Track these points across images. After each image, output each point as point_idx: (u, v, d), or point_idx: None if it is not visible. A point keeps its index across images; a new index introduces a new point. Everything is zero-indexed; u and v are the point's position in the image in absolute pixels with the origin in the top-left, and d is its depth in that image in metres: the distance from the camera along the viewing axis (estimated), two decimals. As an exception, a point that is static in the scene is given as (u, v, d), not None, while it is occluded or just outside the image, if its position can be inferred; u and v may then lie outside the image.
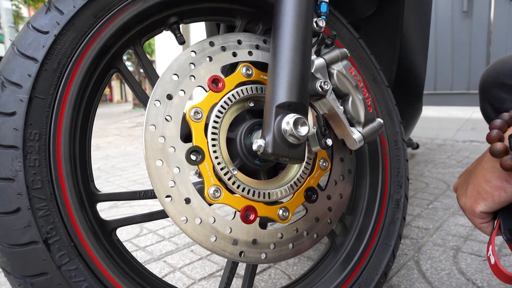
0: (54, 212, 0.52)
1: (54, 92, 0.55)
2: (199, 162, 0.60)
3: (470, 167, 0.64)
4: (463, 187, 0.64)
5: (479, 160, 0.61)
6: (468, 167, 0.64)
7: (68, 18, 0.57)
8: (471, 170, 0.63)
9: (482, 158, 0.60)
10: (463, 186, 0.64)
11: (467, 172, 0.65)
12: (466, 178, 0.64)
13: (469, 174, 0.63)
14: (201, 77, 0.63)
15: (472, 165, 0.64)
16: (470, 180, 0.61)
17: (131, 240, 1.42)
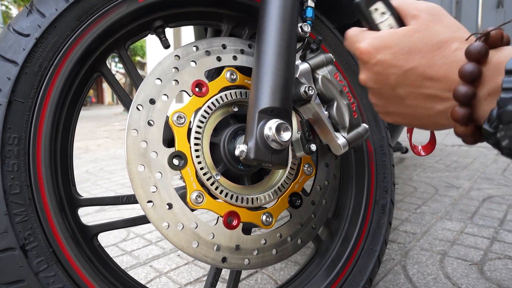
0: (33, 218, 0.52)
1: (34, 96, 0.54)
2: (181, 167, 0.59)
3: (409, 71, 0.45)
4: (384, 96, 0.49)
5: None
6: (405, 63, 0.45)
7: (50, 21, 0.56)
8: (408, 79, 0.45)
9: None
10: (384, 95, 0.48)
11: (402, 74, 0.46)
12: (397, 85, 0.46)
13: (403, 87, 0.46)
14: (184, 81, 0.63)
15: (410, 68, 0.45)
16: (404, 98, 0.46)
17: (118, 244, 1.41)
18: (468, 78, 0.38)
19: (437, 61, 0.42)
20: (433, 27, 0.44)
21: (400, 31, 0.46)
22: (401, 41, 0.45)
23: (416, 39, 0.44)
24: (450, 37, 0.43)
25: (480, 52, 0.38)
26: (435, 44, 0.43)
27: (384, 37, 0.46)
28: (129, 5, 0.63)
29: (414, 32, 0.45)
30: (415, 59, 0.44)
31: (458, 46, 0.42)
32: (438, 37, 0.43)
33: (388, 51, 0.45)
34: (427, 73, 0.43)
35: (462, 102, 0.39)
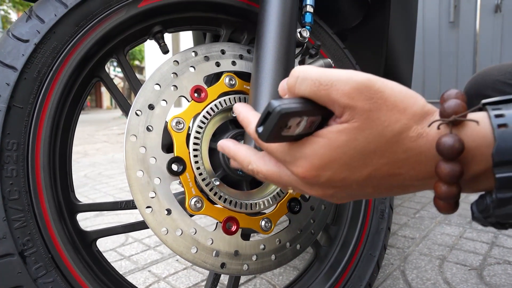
0: (31, 223, 0.51)
1: (33, 101, 0.54)
2: (180, 173, 0.59)
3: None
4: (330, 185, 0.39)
5: None
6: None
7: (49, 26, 0.56)
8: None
9: None
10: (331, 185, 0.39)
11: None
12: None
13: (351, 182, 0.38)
14: (183, 87, 0.63)
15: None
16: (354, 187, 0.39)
17: (116, 249, 1.40)
18: (451, 180, 0.33)
19: (399, 156, 0.35)
20: (377, 118, 0.35)
21: (341, 138, 0.36)
22: (345, 150, 0.36)
23: (363, 141, 0.36)
24: (403, 123, 0.35)
25: (454, 150, 0.32)
26: (389, 139, 0.35)
27: (326, 152, 0.37)
28: (128, 10, 0.63)
29: (356, 132, 0.35)
30: (373, 162, 0.36)
31: (417, 131, 0.35)
32: (388, 130, 0.35)
33: (336, 164, 0.37)
34: (392, 171, 0.36)
35: (449, 200, 0.35)
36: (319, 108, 0.37)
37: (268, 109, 0.36)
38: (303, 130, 0.38)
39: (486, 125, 0.34)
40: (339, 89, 0.35)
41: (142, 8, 0.64)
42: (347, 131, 0.36)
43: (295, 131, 0.37)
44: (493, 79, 0.86)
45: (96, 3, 0.60)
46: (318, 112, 0.37)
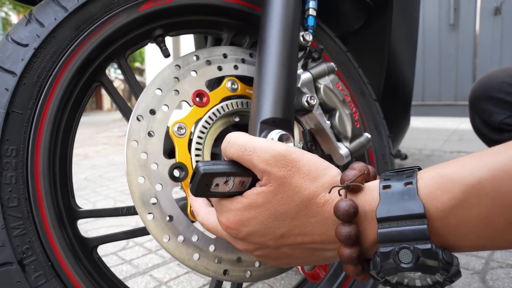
0: (31, 231, 0.51)
1: (33, 107, 0.54)
2: (182, 179, 0.58)
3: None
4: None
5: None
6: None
7: (49, 30, 0.55)
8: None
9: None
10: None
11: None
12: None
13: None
14: (185, 91, 0.62)
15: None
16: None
17: (117, 253, 1.39)
18: (347, 241, 0.37)
19: (309, 220, 0.40)
20: (289, 184, 0.40)
21: (258, 199, 0.41)
22: (263, 210, 0.41)
23: (276, 204, 0.40)
24: (312, 190, 0.39)
25: (348, 213, 0.36)
26: (299, 204, 0.39)
27: (245, 210, 0.42)
28: (129, 14, 0.62)
29: (273, 196, 0.40)
30: (285, 224, 0.40)
31: (324, 199, 0.39)
32: (299, 195, 0.39)
33: (253, 222, 0.41)
34: (304, 232, 0.40)
35: (351, 263, 0.38)
36: (247, 171, 0.43)
37: (194, 170, 0.42)
38: (235, 188, 0.43)
39: (377, 192, 0.38)
40: (259, 156, 0.41)
41: (143, 11, 0.64)
42: (263, 194, 0.40)
43: (226, 189, 0.42)
44: (499, 81, 0.86)
45: (96, 7, 0.59)
46: (246, 174, 0.43)
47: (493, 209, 0.32)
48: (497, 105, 0.87)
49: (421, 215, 0.34)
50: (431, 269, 0.33)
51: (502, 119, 0.85)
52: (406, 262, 0.34)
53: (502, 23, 3.99)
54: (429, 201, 0.34)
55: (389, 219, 0.35)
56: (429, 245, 0.33)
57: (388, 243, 0.35)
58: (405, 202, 0.35)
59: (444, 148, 3.28)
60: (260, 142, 0.42)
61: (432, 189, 0.35)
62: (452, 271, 0.33)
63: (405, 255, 0.34)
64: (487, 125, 0.91)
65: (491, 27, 4.05)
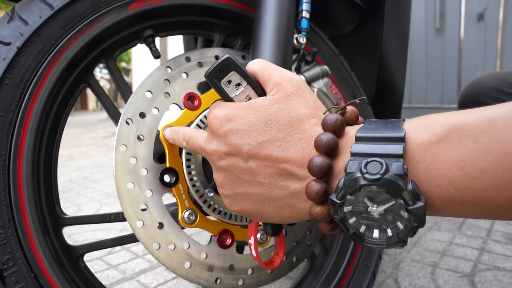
0: (12, 240, 0.48)
1: (15, 109, 0.51)
2: (173, 185, 0.56)
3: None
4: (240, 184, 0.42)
5: None
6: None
7: (34, 29, 0.53)
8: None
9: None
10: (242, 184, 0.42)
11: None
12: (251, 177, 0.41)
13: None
14: (176, 94, 0.60)
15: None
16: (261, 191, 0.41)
17: (102, 258, 1.36)
18: (324, 148, 0.35)
19: (294, 135, 0.39)
20: (293, 100, 0.41)
21: (258, 102, 0.42)
22: (258, 112, 0.41)
23: (274, 111, 0.41)
24: (309, 113, 0.40)
25: (336, 122, 0.36)
26: (294, 117, 0.40)
27: (239, 107, 0.42)
28: (118, 13, 0.60)
29: (273, 103, 0.41)
30: (271, 131, 0.40)
31: (317, 122, 0.40)
32: (297, 111, 0.40)
33: (241, 120, 0.41)
34: (283, 146, 0.39)
35: (317, 175, 0.35)
36: (259, 87, 0.44)
37: (222, 55, 0.44)
38: (239, 98, 0.44)
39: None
40: (279, 72, 0.44)
41: (133, 11, 0.62)
42: (266, 100, 0.42)
43: (233, 92, 0.44)
44: (487, 87, 0.86)
45: (84, 5, 0.57)
46: (256, 88, 0.44)
47: (471, 153, 0.30)
48: None
49: (400, 138, 0.33)
50: (397, 191, 0.30)
51: None
52: (372, 173, 0.31)
53: (485, 28, 4.07)
54: (410, 133, 0.33)
55: (367, 139, 0.34)
56: (400, 163, 0.31)
57: (360, 157, 0.33)
58: (387, 129, 0.34)
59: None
60: (283, 68, 0.45)
61: (416, 126, 0.34)
62: (417, 205, 0.30)
63: (374, 166, 0.31)
64: None
65: (475, 33, 4.13)
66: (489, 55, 4.06)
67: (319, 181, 0.36)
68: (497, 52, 4.03)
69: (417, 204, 0.30)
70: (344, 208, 0.33)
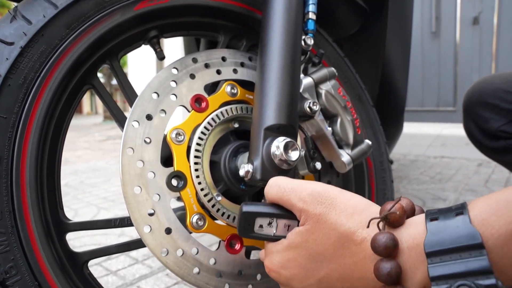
0: (16, 248, 0.46)
1: (19, 111, 0.49)
2: (181, 188, 0.55)
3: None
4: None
5: None
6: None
7: (37, 28, 0.51)
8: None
9: None
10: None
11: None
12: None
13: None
14: (183, 96, 0.59)
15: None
16: None
17: (101, 263, 1.33)
18: (388, 280, 0.33)
19: (347, 261, 0.37)
20: (326, 221, 0.38)
21: (296, 239, 0.41)
22: (300, 250, 0.40)
23: (313, 243, 0.39)
24: (349, 227, 0.37)
25: (387, 247, 0.32)
26: (334, 242, 0.37)
27: (284, 251, 0.42)
28: (124, 13, 0.59)
29: (309, 235, 0.39)
30: (323, 266, 0.39)
31: (362, 236, 0.36)
32: (335, 232, 0.37)
33: (292, 264, 0.41)
34: (342, 277, 0.38)
35: None
36: (290, 213, 0.44)
37: (239, 210, 0.45)
38: (280, 232, 0.44)
39: (423, 225, 0.34)
40: (297, 195, 0.41)
41: (138, 11, 0.60)
42: (301, 233, 0.40)
43: (271, 232, 0.44)
44: (494, 87, 0.85)
45: (89, 4, 0.55)
46: (288, 216, 0.44)
47: None
48: (493, 111, 0.86)
49: (478, 246, 0.29)
50: None
51: (499, 126, 0.84)
52: None
53: (480, 32, 4.10)
54: (483, 228, 0.30)
55: (440, 253, 0.30)
56: (493, 280, 0.28)
57: (442, 280, 0.30)
58: (457, 232, 0.30)
59: (427, 153, 3.32)
60: (298, 182, 0.43)
61: (486, 216, 0.30)
62: None
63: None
64: (483, 132, 0.91)
65: (470, 36, 4.16)
66: (484, 58, 4.09)
67: (391, 286, 0.33)
68: (492, 55, 4.06)
69: None
70: None
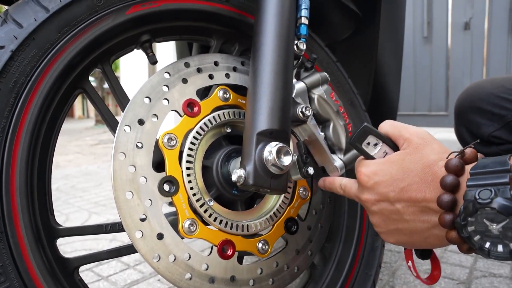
0: (5, 254, 0.46)
1: (9, 115, 0.49)
2: (173, 194, 0.54)
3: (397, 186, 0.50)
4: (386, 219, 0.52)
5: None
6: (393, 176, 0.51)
7: (28, 32, 0.51)
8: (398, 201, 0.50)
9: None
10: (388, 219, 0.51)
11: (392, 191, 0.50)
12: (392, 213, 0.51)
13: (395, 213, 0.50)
14: (175, 100, 0.58)
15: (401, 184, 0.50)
16: (400, 225, 0.50)
17: (93, 269, 1.32)
18: (448, 187, 0.44)
19: (427, 178, 0.47)
20: (422, 150, 0.50)
21: (395, 156, 0.51)
22: (396, 164, 0.50)
23: (408, 161, 0.50)
24: (437, 158, 0.48)
25: (457, 166, 0.44)
26: (425, 163, 0.48)
27: (381, 163, 0.52)
28: (116, 17, 0.59)
29: (406, 155, 0.50)
30: (409, 178, 0.49)
31: (443, 163, 0.47)
32: (427, 158, 0.49)
33: (384, 172, 0.51)
34: (420, 189, 0.47)
35: (446, 208, 0.43)
36: (392, 143, 0.55)
37: (360, 125, 0.55)
38: (378, 155, 0.55)
39: None
40: (407, 129, 0.53)
41: (131, 15, 0.60)
42: (400, 154, 0.51)
43: (372, 151, 0.55)
44: (487, 92, 0.86)
45: (81, 8, 0.55)
46: (390, 144, 0.55)
47: None
48: (485, 117, 0.86)
49: (506, 170, 0.39)
50: (507, 209, 0.37)
51: (491, 132, 0.85)
52: (483, 198, 0.38)
53: (471, 37, 4.15)
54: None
55: (478, 173, 0.42)
56: (507, 188, 0.37)
57: (474, 188, 0.40)
58: (496, 165, 0.41)
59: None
60: (408, 125, 0.54)
61: None
62: None
63: (485, 193, 0.39)
64: (475, 137, 0.91)
65: (461, 41, 4.20)
66: (475, 63, 4.13)
67: (448, 212, 0.43)
68: (483, 60, 4.11)
69: None
70: (468, 228, 0.40)
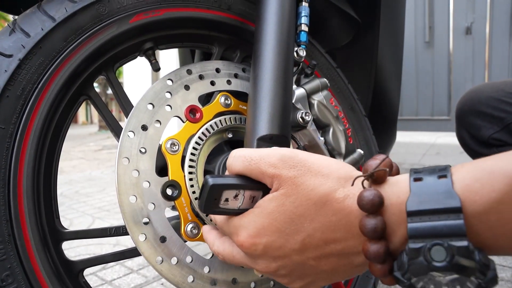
0: (12, 256, 0.47)
1: (16, 122, 0.50)
2: (175, 198, 0.56)
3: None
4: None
5: None
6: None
7: (35, 41, 0.53)
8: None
9: None
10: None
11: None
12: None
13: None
14: (178, 106, 0.60)
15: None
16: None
17: (97, 273, 1.33)
18: (374, 235, 0.33)
19: (330, 219, 0.36)
20: (301, 183, 0.37)
21: (269, 205, 0.38)
22: (275, 216, 0.38)
23: (290, 206, 0.37)
24: (328, 187, 0.37)
25: (373, 202, 0.33)
26: (316, 202, 0.36)
27: (258, 217, 0.39)
28: (119, 26, 0.60)
29: (284, 198, 0.38)
30: (304, 227, 0.37)
31: (344, 193, 0.36)
32: (313, 193, 0.37)
33: (269, 230, 0.38)
34: (326, 236, 0.37)
35: (378, 262, 0.34)
36: (257, 184, 0.41)
37: (203, 183, 0.41)
38: (245, 205, 0.41)
39: (407, 184, 0.34)
40: (266, 162, 0.39)
41: (134, 24, 0.62)
42: (275, 198, 0.38)
43: (236, 204, 0.41)
44: (487, 96, 0.87)
45: (86, 17, 0.57)
46: (256, 186, 0.41)
47: None
48: (485, 120, 0.88)
49: (456, 209, 0.30)
50: (466, 270, 0.29)
51: (491, 134, 0.86)
52: (438, 260, 0.30)
53: (473, 42, 4.16)
54: (465, 194, 0.31)
55: (421, 213, 0.32)
56: (465, 242, 0.29)
57: (418, 238, 0.31)
58: (439, 196, 0.31)
59: (422, 162, 3.34)
60: (264, 149, 0.41)
61: (470, 182, 0.31)
62: (489, 276, 0.29)
63: (438, 252, 0.30)
64: (475, 140, 0.92)
65: (463, 46, 4.21)
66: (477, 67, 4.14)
67: (375, 240, 0.34)
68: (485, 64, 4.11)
69: (489, 275, 0.30)
70: (412, 281, 0.32)
